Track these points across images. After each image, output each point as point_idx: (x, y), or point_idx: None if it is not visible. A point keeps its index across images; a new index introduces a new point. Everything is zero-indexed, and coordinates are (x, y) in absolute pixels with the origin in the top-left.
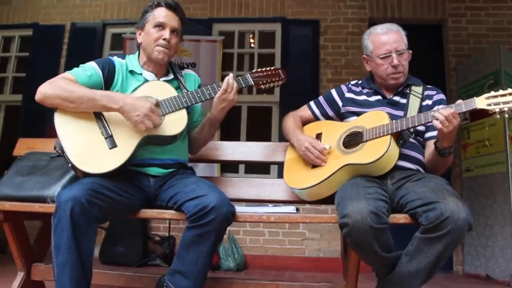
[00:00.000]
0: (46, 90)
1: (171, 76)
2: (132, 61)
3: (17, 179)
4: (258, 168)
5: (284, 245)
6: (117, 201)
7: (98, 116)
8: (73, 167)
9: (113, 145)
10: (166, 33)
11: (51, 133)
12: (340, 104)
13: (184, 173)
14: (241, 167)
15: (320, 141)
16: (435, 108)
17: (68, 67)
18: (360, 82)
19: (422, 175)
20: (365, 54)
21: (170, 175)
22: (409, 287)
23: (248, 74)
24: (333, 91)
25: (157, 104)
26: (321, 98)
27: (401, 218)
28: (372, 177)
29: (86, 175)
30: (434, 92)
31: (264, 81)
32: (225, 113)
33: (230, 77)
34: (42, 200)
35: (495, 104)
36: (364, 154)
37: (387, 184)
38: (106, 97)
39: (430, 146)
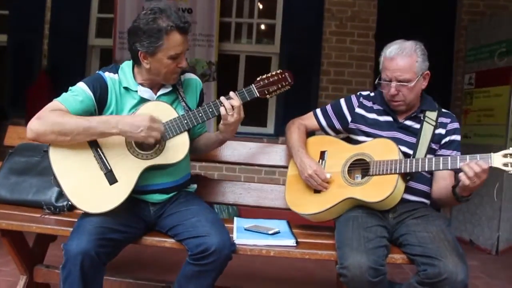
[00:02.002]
0: (37, 128)
1: (169, 88)
2: (127, 75)
3: (11, 178)
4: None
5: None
6: (122, 241)
7: (95, 149)
8: (73, 207)
9: (113, 180)
10: (182, 61)
11: (42, 80)
12: (349, 119)
13: (186, 196)
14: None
15: (324, 160)
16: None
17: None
18: (372, 94)
19: (424, 211)
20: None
21: (170, 201)
22: None
23: (253, 85)
24: (343, 103)
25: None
26: (329, 108)
27: (398, 258)
28: (373, 210)
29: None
30: (449, 120)
31: (271, 90)
32: (236, 131)
33: (225, 102)
34: (38, 205)
35: None
36: (369, 191)
37: (388, 217)
38: (102, 123)
39: (441, 180)
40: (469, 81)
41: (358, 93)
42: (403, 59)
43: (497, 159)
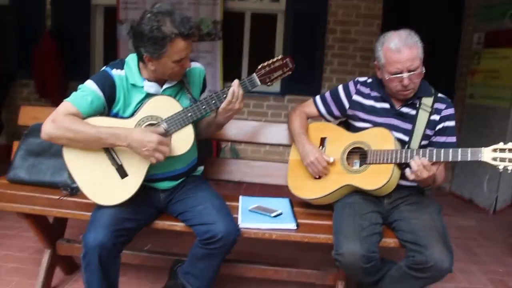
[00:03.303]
0: (52, 131)
1: (175, 81)
2: (133, 71)
3: (28, 160)
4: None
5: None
6: (136, 228)
7: (105, 147)
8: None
9: (124, 174)
10: (187, 63)
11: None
12: (347, 105)
13: (193, 181)
14: (244, 74)
15: (324, 146)
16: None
17: None
18: (370, 81)
19: (417, 198)
20: (377, 62)
21: (179, 187)
22: None
23: (255, 74)
24: (341, 90)
25: (166, 132)
26: (327, 96)
27: (391, 243)
28: (370, 196)
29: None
30: (444, 106)
31: (272, 77)
32: (230, 119)
33: (235, 86)
34: (55, 186)
35: (501, 159)
36: (366, 179)
37: (383, 203)
38: (112, 136)
39: None
40: (478, 41)
41: (356, 79)
42: (410, 48)
43: (486, 154)
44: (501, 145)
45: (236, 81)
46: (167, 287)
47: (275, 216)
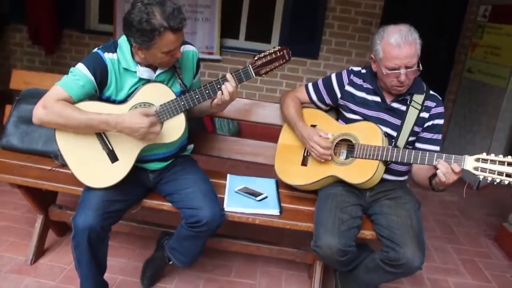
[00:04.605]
0: (43, 117)
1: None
2: (125, 55)
3: (21, 127)
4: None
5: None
6: (125, 209)
7: (97, 132)
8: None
9: (115, 159)
10: (177, 53)
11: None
12: (339, 95)
13: (182, 162)
14: (242, 32)
15: None
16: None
17: None
18: (364, 71)
19: (398, 193)
20: (374, 55)
21: (168, 167)
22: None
23: (250, 66)
24: (333, 79)
25: (156, 113)
26: (320, 83)
27: (368, 235)
28: (352, 188)
29: None
30: (434, 104)
31: (267, 69)
32: (226, 108)
33: (228, 86)
34: (47, 155)
35: (482, 170)
36: (351, 172)
37: (365, 195)
38: (102, 123)
39: (420, 169)
40: (483, 13)
41: (350, 69)
42: (410, 45)
43: (469, 163)
44: (483, 155)
45: (229, 75)
46: (154, 257)
47: (260, 200)
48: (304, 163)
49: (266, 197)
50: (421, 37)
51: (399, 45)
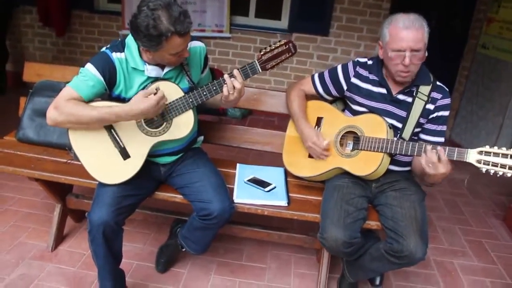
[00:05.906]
0: (56, 118)
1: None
2: (133, 54)
3: (36, 120)
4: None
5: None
6: (137, 203)
7: (109, 129)
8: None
9: (126, 156)
10: (185, 53)
11: None
12: (345, 87)
13: (193, 155)
14: (252, 9)
15: (320, 126)
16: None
17: None
18: (370, 63)
19: (403, 184)
20: (381, 41)
21: (179, 161)
22: (367, 275)
23: (256, 61)
24: (339, 70)
25: (157, 89)
26: (326, 75)
27: (373, 225)
28: (358, 179)
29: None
30: (440, 96)
31: (273, 63)
32: (236, 104)
33: (235, 82)
34: (62, 147)
35: (485, 162)
36: (357, 164)
37: (371, 187)
38: (113, 115)
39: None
40: None
41: (356, 60)
42: (417, 29)
43: (472, 156)
44: (487, 148)
45: (235, 71)
46: (168, 245)
47: (268, 191)
48: (310, 155)
49: (275, 187)
50: (435, 11)
51: (406, 27)
